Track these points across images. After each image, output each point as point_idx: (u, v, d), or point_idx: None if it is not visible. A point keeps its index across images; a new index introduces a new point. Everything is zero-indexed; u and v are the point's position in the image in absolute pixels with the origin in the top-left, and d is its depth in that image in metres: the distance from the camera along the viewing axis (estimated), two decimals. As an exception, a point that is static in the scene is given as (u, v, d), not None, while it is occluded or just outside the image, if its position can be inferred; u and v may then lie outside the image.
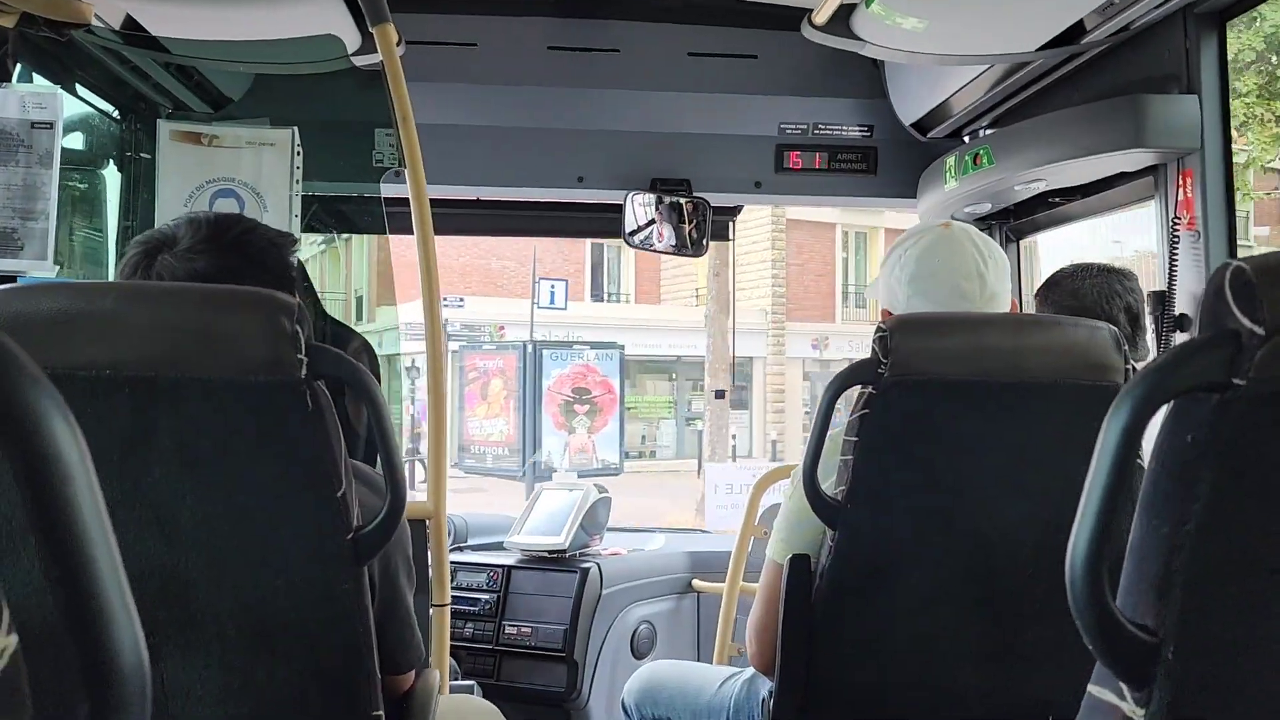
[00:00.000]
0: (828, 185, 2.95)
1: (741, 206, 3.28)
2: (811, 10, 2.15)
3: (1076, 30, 2.10)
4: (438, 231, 2.04)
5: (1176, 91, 2.03)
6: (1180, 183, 2.04)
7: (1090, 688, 0.66)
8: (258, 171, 2.17)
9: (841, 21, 2.15)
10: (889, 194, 2.97)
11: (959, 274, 1.60)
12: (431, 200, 2.01)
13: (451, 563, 2.96)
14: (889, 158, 2.93)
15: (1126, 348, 1.36)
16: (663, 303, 22.10)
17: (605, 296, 22.10)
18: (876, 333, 1.36)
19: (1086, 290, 1.93)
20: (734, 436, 18.34)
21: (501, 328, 18.43)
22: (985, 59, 2.32)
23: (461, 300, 18.20)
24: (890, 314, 1.66)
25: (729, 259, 13.89)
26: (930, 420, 1.38)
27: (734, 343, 15.45)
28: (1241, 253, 2.18)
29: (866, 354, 1.36)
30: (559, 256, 20.12)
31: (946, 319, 1.49)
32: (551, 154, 2.84)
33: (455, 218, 3.16)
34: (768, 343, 21.10)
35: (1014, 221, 2.79)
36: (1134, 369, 1.37)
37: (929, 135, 2.87)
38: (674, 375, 21.58)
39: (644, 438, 20.83)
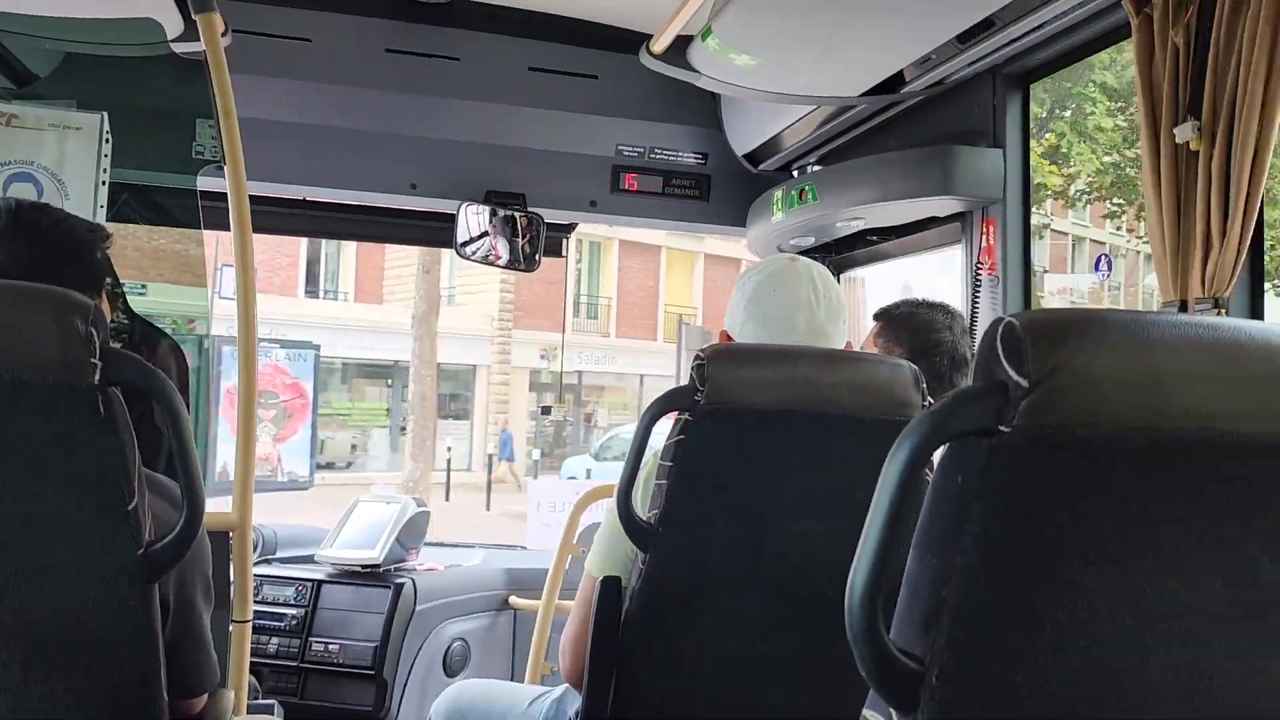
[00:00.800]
0: (661, 209, 3.01)
1: (576, 224, 3.29)
2: (651, 37, 2.19)
3: (897, 80, 2.23)
4: (259, 230, 1.97)
5: (984, 145, 2.18)
6: (984, 230, 2.19)
7: (865, 711, 0.70)
8: (60, 156, 2.04)
9: (678, 51, 2.20)
10: (720, 221, 3.05)
11: (790, 305, 1.66)
12: (253, 197, 1.93)
13: (257, 576, 2.84)
14: (721, 186, 3.01)
15: (924, 385, 1.44)
16: (385, 303, 20.09)
17: (321, 294, 20.19)
18: (694, 361, 1.39)
19: (943, 325, 1.99)
20: (449, 449, 17.51)
21: (191, 321, 17.22)
22: (811, 100, 2.42)
23: (144, 288, 16.78)
24: (729, 336, 1.71)
25: (440, 255, 12.52)
26: (743, 448, 1.41)
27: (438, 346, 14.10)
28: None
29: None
30: (272, 249, 18.08)
31: (761, 350, 1.54)
32: (384, 159, 2.79)
33: (278, 217, 3.05)
34: (493, 350, 19.91)
35: (835, 256, 2.91)
36: (930, 405, 1.44)
37: (760, 167, 2.96)
38: (390, 381, 20.00)
39: (354, 447, 19.33)
